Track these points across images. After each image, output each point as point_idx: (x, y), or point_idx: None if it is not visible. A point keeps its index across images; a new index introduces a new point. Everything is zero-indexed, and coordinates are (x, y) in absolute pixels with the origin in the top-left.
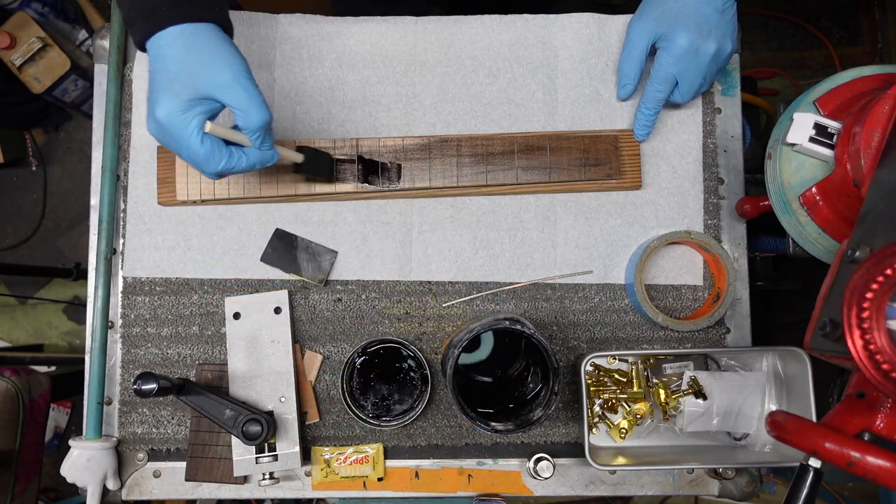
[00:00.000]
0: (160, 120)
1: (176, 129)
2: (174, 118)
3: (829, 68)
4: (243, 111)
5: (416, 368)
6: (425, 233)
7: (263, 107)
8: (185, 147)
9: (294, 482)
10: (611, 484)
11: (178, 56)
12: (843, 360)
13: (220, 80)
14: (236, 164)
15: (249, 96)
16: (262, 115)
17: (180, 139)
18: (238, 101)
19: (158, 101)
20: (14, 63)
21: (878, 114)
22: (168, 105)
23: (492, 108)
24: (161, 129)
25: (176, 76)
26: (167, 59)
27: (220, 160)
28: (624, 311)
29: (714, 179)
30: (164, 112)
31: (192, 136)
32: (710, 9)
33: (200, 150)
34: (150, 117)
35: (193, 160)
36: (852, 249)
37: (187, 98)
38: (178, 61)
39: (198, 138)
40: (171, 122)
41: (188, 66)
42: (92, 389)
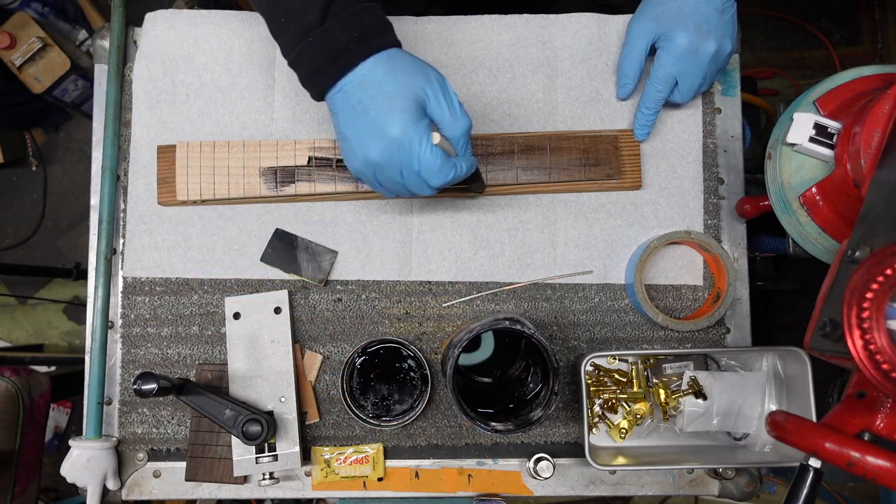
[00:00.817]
0: (395, 137)
1: (410, 143)
2: (409, 132)
3: (829, 68)
4: (451, 119)
5: (416, 368)
6: (425, 233)
7: (465, 113)
8: (419, 160)
9: (294, 482)
10: (611, 484)
11: (387, 77)
12: (843, 360)
13: (432, 91)
14: (459, 174)
15: (454, 103)
16: (466, 121)
17: (413, 154)
18: (447, 109)
19: (388, 121)
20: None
21: (878, 114)
22: (402, 119)
23: (492, 108)
24: (391, 149)
25: (394, 94)
26: (378, 82)
27: (450, 171)
28: (624, 311)
29: (714, 179)
30: (400, 127)
31: (426, 148)
32: (709, 9)
33: (435, 161)
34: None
35: (424, 174)
36: (852, 249)
37: (414, 111)
38: (389, 81)
39: (429, 149)
40: (406, 137)
41: (401, 82)
42: (92, 389)
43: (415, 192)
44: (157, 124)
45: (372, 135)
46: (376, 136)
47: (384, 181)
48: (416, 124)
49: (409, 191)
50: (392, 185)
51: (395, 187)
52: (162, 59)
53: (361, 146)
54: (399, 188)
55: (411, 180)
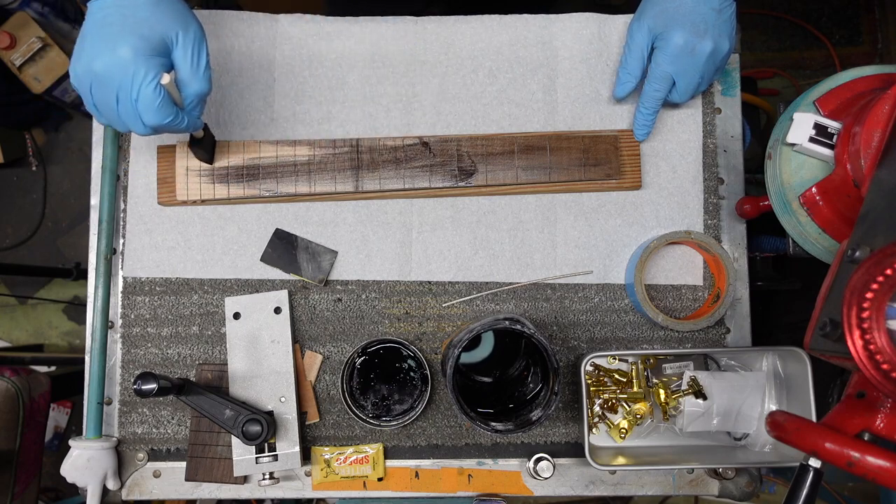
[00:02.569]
0: (122, 59)
1: (135, 72)
2: (139, 60)
3: (829, 68)
4: (190, 74)
5: (416, 368)
6: (425, 233)
7: (209, 77)
8: (137, 91)
9: (294, 482)
10: (611, 484)
11: (146, 5)
12: (843, 360)
13: (184, 38)
14: (177, 123)
15: (202, 63)
16: (205, 85)
17: (134, 82)
18: (193, 62)
19: (123, 40)
20: (14, 63)
21: (878, 114)
22: (136, 45)
23: (492, 108)
24: (114, 68)
25: (145, 21)
26: (135, 6)
27: (169, 115)
28: (624, 311)
29: (714, 179)
30: (131, 52)
31: (150, 80)
32: (706, 8)
33: (155, 99)
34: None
35: (140, 106)
36: (852, 249)
37: (154, 44)
38: (146, 9)
39: (153, 84)
40: (134, 62)
41: (157, 15)
42: (92, 389)
43: (128, 124)
44: None
45: (104, 46)
46: (107, 50)
47: (99, 100)
48: (150, 57)
49: (123, 121)
50: (106, 107)
51: (109, 112)
52: None
53: (90, 53)
54: (112, 114)
55: (126, 108)
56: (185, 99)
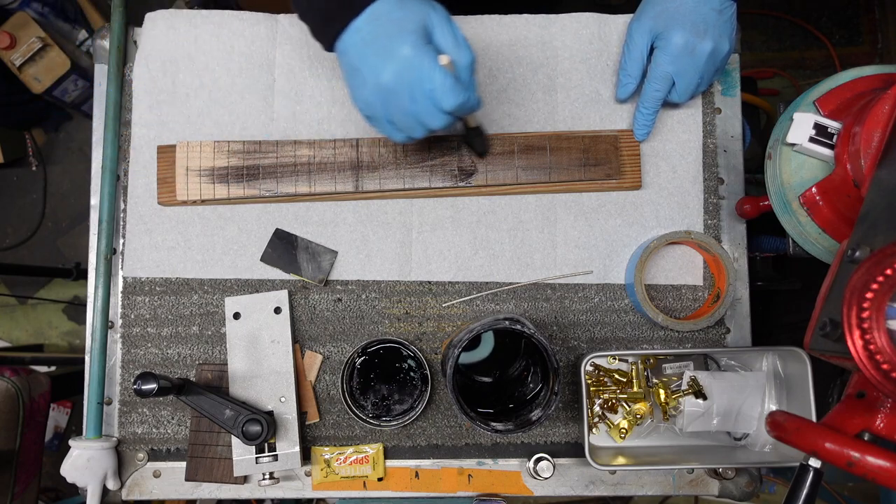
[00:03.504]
0: (407, 57)
1: (421, 63)
2: (420, 51)
3: (829, 68)
4: (456, 48)
5: (416, 368)
6: (425, 233)
7: (469, 45)
8: (430, 80)
9: (294, 482)
10: (611, 484)
11: (394, 6)
12: (843, 360)
13: (437, 18)
14: (470, 101)
15: (458, 34)
16: (470, 53)
17: (423, 73)
18: (453, 37)
19: (399, 41)
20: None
21: (878, 114)
22: (412, 40)
23: (492, 108)
24: (403, 71)
25: (401, 20)
26: (386, 13)
27: (462, 92)
28: (624, 311)
29: (714, 179)
30: (411, 47)
31: (435, 68)
32: (707, 8)
33: (446, 80)
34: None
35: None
36: (852, 249)
37: (421, 35)
38: (397, 9)
39: (439, 69)
40: (417, 56)
41: (408, 9)
42: (92, 389)
43: (426, 122)
44: (157, 124)
45: (383, 58)
46: (388, 58)
47: (395, 111)
48: (425, 46)
49: (421, 122)
50: (402, 115)
51: (406, 119)
52: (162, 59)
53: (373, 72)
54: (410, 119)
55: (423, 105)
56: (460, 73)
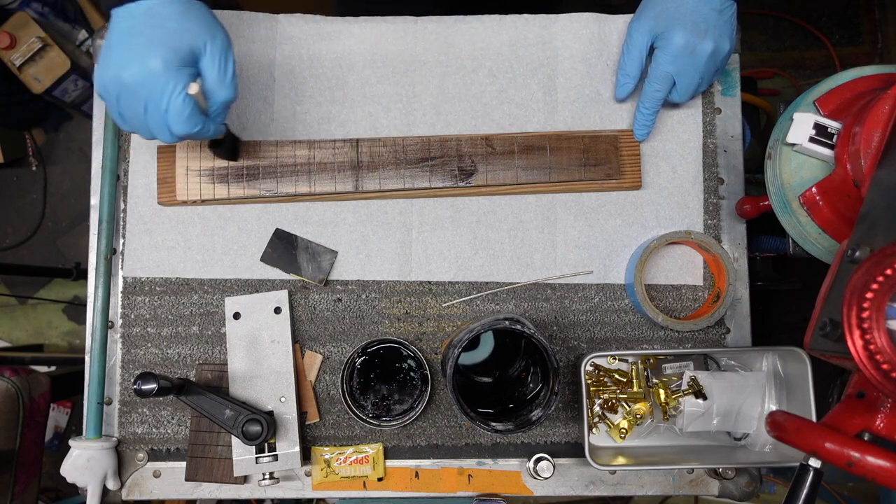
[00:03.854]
0: (153, 70)
1: (165, 83)
2: (170, 72)
3: (829, 68)
4: (218, 82)
5: (416, 368)
6: (425, 233)
7: (235, 85)
8: (167, 102)
9: (294, 482)
10: (611, 484)
11: (175, 15)
12: (843, 360)
13: (212, 48)
14: (205, 132)
15: (229, 71)
16: (231, 92)
17: (164, 93)
18: (220, 71)
19: (153, 52)
20: (14, 63)
21: (878, 114)
22: (166, 57)
23: (492, 108)
24: (144, 80)
25: (174, 33)
26: (164, 16)
27: (197, 124)
28: (624, 311)
29: (714, 179)
30: (162, 63)
31: (179, 91)
32: (707, 8)
33: (184, 109)
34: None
35: (169, 117)
36: (852, 249)
37: (182, 56)
38: (175, 20)
39: (182, 95)
40: (164, 74)
41: (185, 25)
42: (92, 389)
43: (154, 133)
44: None
45: (134, 57)
46: (137, 61)
47: (126, 109)
48: (179, 69)
49: (149, 130)
50: (133, 116)
51: (136, 121)
52: None
53: (119, 62)
54: (139, 123)
55: (154, 118)
56: (210, 107)
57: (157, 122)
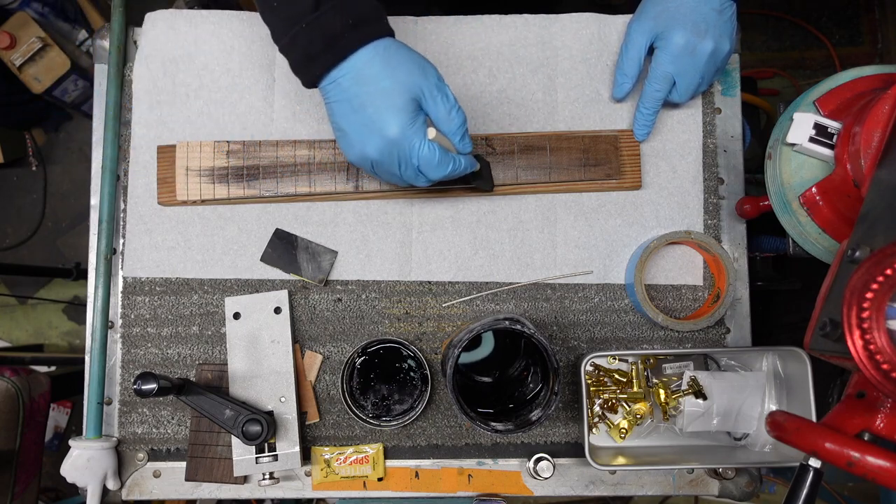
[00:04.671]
0: (394, 138)
1: (409, 143)
2: (408, 132)
3: (829, 68)
4: (447, 115)
5: (416, 368)
6: (425, 233)
7: (460, 107)
8: (416, 157)
9: (294, 482)
10: (611, 484)
11: (384, 72)
12: (843, 360)
13: (428, 87)
14: (457, 168)
15: (450, 98)
16: (462, 114)
17: (411, 151)
18: (443, 106)
19: (385, 120)
20: (14, 63)
21: (878, 114)
22: (399, 120)
23: (492, 108)
24: (390, 148)
25: (391, 91)
26: (374, 78)
27: (448, 164)
28: (624, 311)
29: (714, 179)
30: (398, 128)
31: (423, 145)
32: (707, 8)
33: (433, 156)
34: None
35: (423, 169)
36: (852, 249)
37: (411, 109)
38: (386, 77)
39: (426, 146)
40: (404, 137)
41: (398, 79)
42: (92, 389)
43: (414, 183)
44: (157, 124)
45: (369, 132)
46: (374, 134)
47: (383, 175)
48: (413, 122)
49: (408, 182)
50: (391, 177)
51: (393, 178)
52: (162, 59)
53: (359, 142)
54: (396, 179)
55: (409, 174)
56: (451, 138)
57: (412, 176)
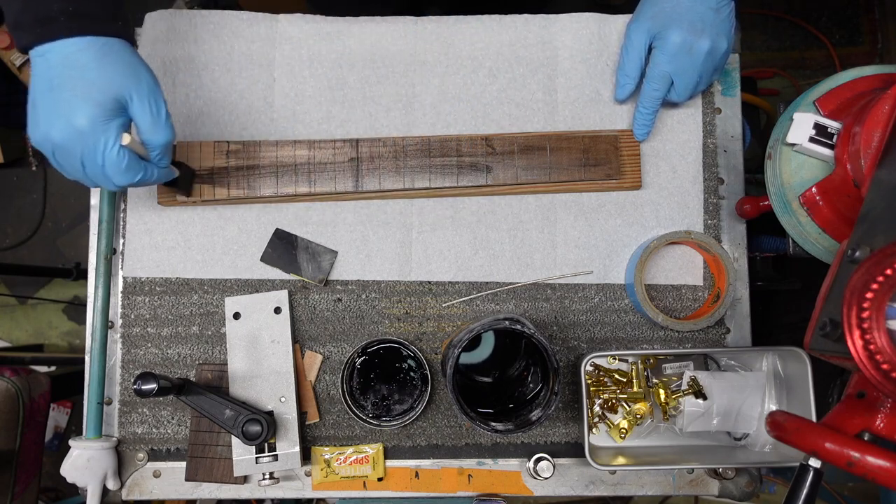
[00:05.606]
0: (80, 129)
1: (95, 139)
2: (97, 127)
3: (829, 68)
4: (152, 127)
5: (416, 368)
6: (425, 233)
7: (170, 125)
8: (102, 157)
9: (294, 482)
10: (611, 484)
11: (93, 63)
12: (843, 360)
13: (138, 93)
14: (147, 178)
15: (161, 112)
16: (169, 133)
17: (97, 149)
18: (151, 115)
19: (77, 109)
20: (14, 63)
21: (878, 114)
22: (91, 113)
23: (492, 108)
24: (74, 138)
25: (93, 83)
26: (82, 66)
27: (137, 173)
28: (624, 311)
29: (714, 179)
30: (88, 121)
31: (111, 146)
32: (704, 7)
33: (120, 162)
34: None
35: (107, 171)
36: (852, 249)
37: (109, 107)
38: (93, 68)
39: (115, 148)
40: (92, 132)
41: (106, 74)
42: (92, 389)
43: (98, 184)
44: None
45: (58, 115)
46: (62, 119)
47: (65, 165)
48: (107, 122)
49: (93, 181)
50: (73, 170)
51: (77, 174)
52: (162, 59)
53: (46, 121)
54: (80, 175)
55: (93, 172)
56: (151, 151)
57: (97, 176)
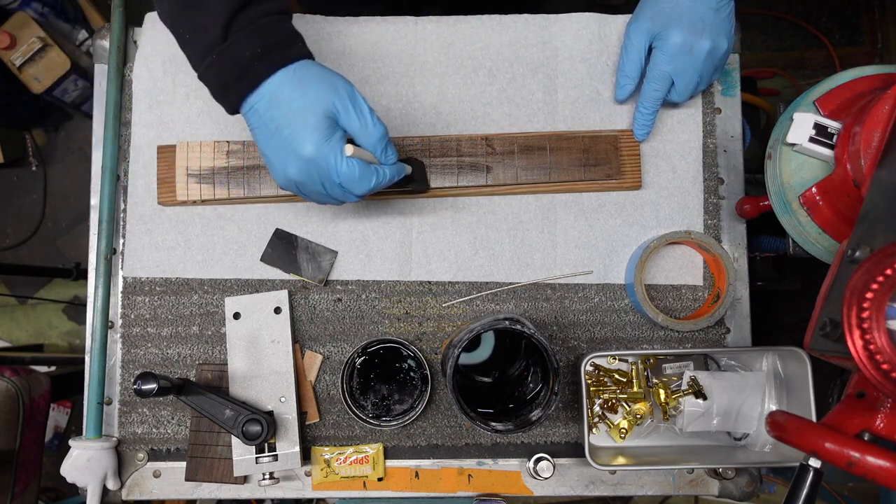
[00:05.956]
0: (310, 157)
1: (326, 161)
2: (323, 149)
3: (829, 68)
4: (362, 128)
5: (416, 368)
6: (425, 233)
7: (377, 120)
8: (336, 174)
9: (294, 482)
10: (611, 484)
11: (295, 92)
12: (843, 360)
13: (342, 102)
14: (382, 180)
15: (364, 112)
16: (380, 128)
17: (329, 169)
18: (358, 119)
19: (300, 139)
20: (14, 63)
21: (878, 114)
22: (313, 138)
23: (492, 108)
24: (308, 167)
25: (303, 110)
26: (287, 99)
27: (371, 178)
28: (624, 311)
29: (714, 179)
30: (313, 146)
31: (341, 162)
32: (704, 7)
33: (353, 173)
34: (291, 162)
35: (346, 185)
36: (852, 249)
37: (325, 127)
38: (298, 96)
39: (345, 163)
40: (320, 155)
41: (309, 97)
42: (92, 389)
43: (342, 200)
44: (157, 124)
45: (287, 154)
46: (291, 156)
47: (311, 195)
48: (328, 140)
49: (337, 200)
50: (318, 196)
51: (322, 197)
52: (162, 59)
53: (280, 165)
54: (325, 198)
55: (334, 191)
56: (372, 151)
57: (338, 193)
